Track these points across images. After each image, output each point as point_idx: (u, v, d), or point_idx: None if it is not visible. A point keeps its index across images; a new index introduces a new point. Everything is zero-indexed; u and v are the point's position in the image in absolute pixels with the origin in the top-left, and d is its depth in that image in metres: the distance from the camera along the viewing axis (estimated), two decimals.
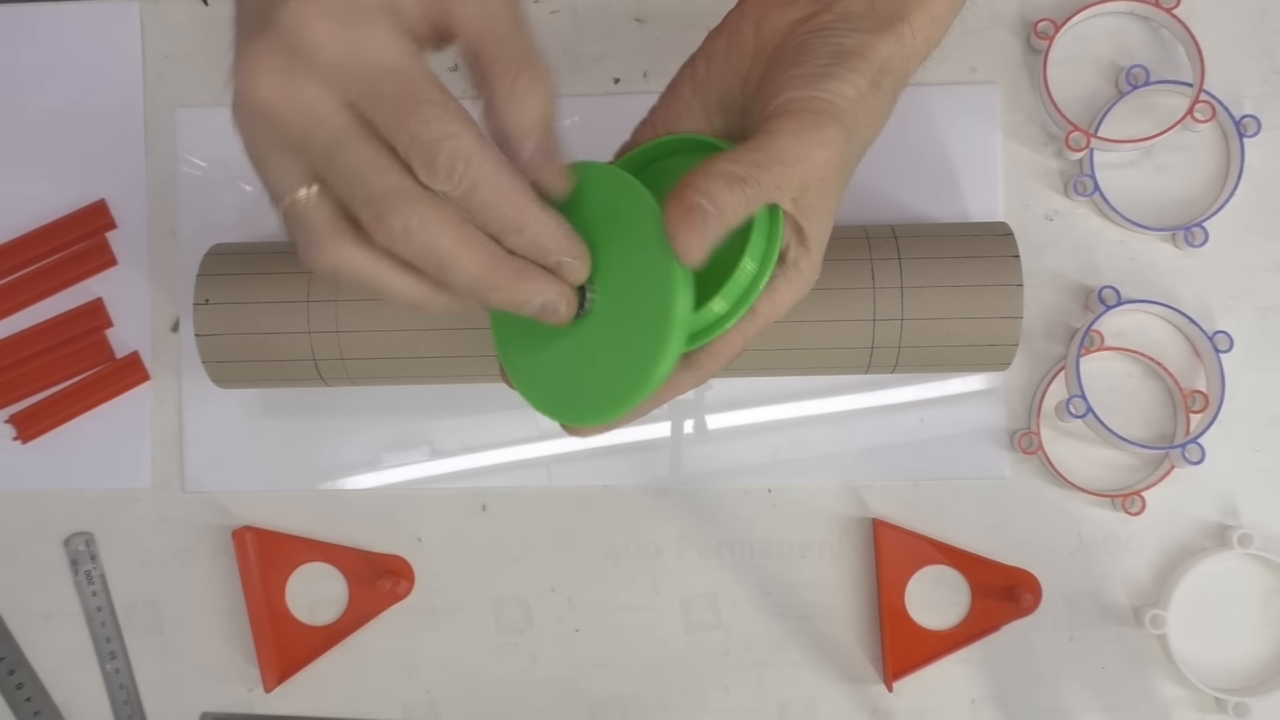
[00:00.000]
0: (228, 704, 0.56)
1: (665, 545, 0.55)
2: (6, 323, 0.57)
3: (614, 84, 0.56)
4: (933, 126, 0.55)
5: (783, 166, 0.33)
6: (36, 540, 0.56)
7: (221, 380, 0.51)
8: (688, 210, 0.32)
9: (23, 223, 0.56)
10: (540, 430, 0.55)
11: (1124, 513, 0.54)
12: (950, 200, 0.55)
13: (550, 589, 0.55)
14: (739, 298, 0.35)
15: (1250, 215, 0.54)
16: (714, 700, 0.55)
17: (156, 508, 0.56)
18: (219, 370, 0.50)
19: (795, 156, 0.33)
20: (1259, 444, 0.54)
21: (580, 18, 0.56)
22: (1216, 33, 0.54)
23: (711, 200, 0.32)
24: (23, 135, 0.57)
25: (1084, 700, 0.54)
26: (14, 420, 0.56)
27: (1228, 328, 0.53)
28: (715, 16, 0.39)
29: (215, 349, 0.49)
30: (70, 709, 0.56)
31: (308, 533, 0.56)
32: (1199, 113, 0.52)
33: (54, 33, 0.57)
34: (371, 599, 0.55)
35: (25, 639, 0.57)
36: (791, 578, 0.55)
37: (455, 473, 0.56)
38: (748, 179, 0.33)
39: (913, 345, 0.48)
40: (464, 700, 0.56)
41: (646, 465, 0.55)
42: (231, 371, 0.50)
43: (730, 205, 0.32)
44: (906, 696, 0.54)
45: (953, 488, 0.55)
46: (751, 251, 0.34)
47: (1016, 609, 0.53)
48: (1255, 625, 0.54)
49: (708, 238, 0.32)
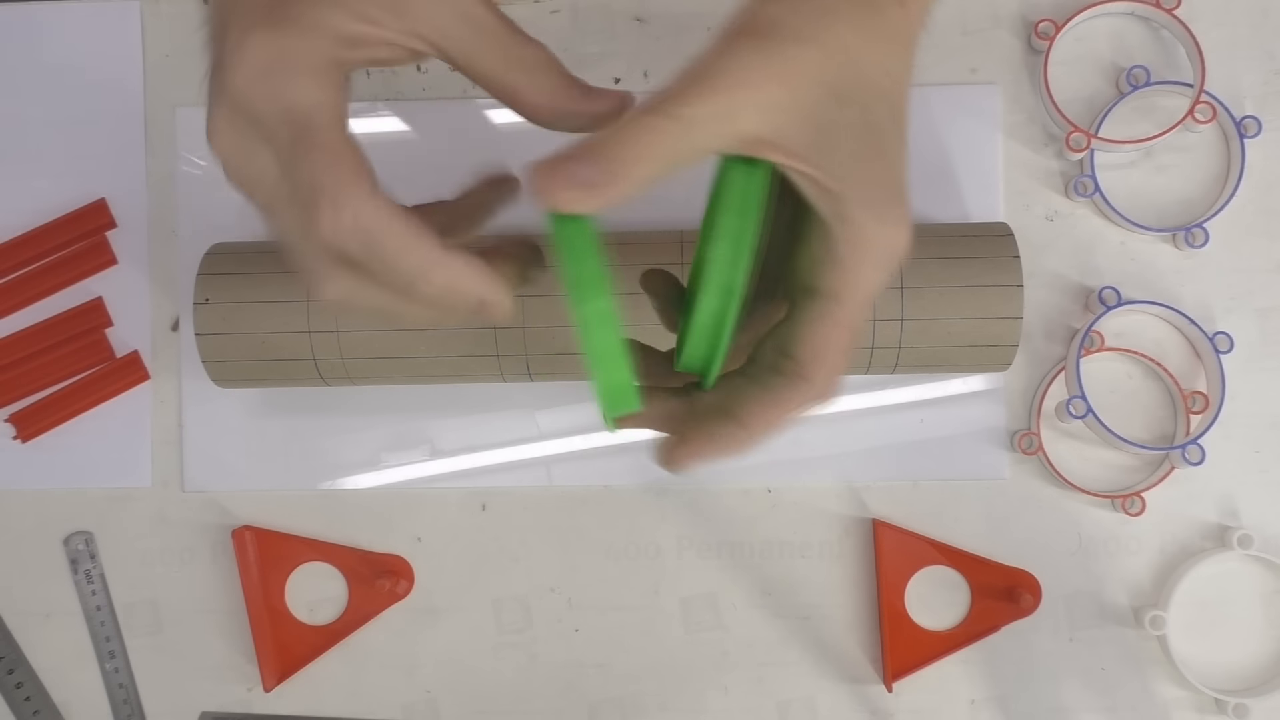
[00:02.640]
0: (227, 703, 0.56)
1: (665, 545, 0.55)
2: (6, 322, 0.57)
3: (614, 84, 0.56)
4: (933, 126, 0.55)
5: (710, 86, 0.28)
6: (36, 540, 0.56)
7: (221, 380, 0.51)
8: (548, 166, 0.29)
9: (23, 222, 0.56)
10: (540, 430, 0.55)
11: (1124, 513, 0.54)
12: (950, 200, 0.55)
13: (550, 589, 0.55)
14: (714, 311, 0.31)
15: (1251, 216, 0.54)
16: (714, 700, 0.55)
17: (156, 507, 0.56)
18: (219, 370, 0.50)
19: (734, 78, 0.29)
20: (1259, 445, 0.54)
21: (580, 17, 0.56)
22: (1217, 33, 0.54)
23: (590, 150, 0.28)
24: (23, 135, 0.57)
25: (1083, 701, 0.54)
26: (14, 419, 0.56)
27: (1228, 328, 0.53)
28: (715, 16, 0.39)
29: (215, 348, 0.49)
30: (70, 708, 0.56)
31: (307, 532, 0.56)
32: (1200, 113, 0.52)
33: (54, 32, 0.57)
34: (371, 599, 0.55)
35: (25, 638, 0.57)
36: (791, 578, 0.55)
37: (455, 473, 0.56)
38: (652, 109, 0.29)
39: (913, 345, 0.48)
40: (464, 700, 0.56)
41: (646, 465, 0.55)
42: (231, 371, 0.50)
43: (621, 150, 0.28)
44: (906, 697, 0.54)
45: (953, 488, 0.54)
46: (719, 233, 0.30)
47: (1016, 609, 0.53)
48: (1255, 626, 0.54)
49: (577, 191, 0.28)
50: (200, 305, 0.49)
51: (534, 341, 0.48)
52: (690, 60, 0.30)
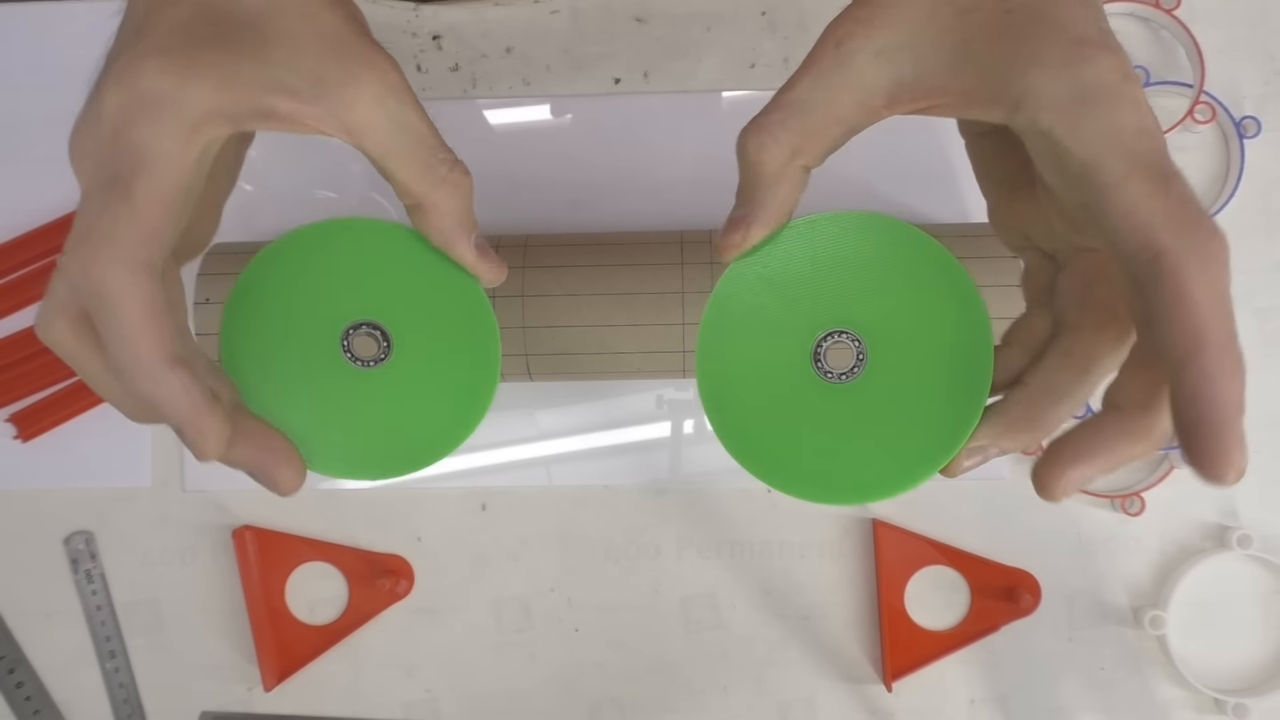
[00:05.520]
0: (227, 703, 0.56)
1: (665, 545, 0.55)
2: (6, 322, 0.57)
3: (614, 84, 0.56)
4: (933, 126, 0.55)
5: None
6: (36, 539, 0.56)
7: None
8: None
9: (23, 222, 0.56)
10: (540, 430, 0.56)
11: (1124, 513, 0.54)
12: (950, 200, 0.55)
13: (550, 588, 0.56)
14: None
15: (1250, 216, 0.54)
16: (714, 700, 0.55)
17: (156, 507, 0.56)
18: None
19: (837, 36, 0.28)
20: (1259, 444, 0.54)
21: (580, 18, 0.56)
22: (1217, 34, 0.54)
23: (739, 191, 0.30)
24: (23, 135, 0.57)
25: (1083, 701, 0.54)
26: (14, 419, 0.56)
27: None
28: (716, 16, 0.38)
29: (216, 348, 0.49)
30: (70, 708, 0.56)
31: (308, 532, 0.56)
32: (1199, 114, 0.52)
33: (54, 32, 0.57)
34: (371, 598, 0.55)
35: (25, 638, 0.57)
36: (791, 578, 0.55)
37: (455, 472, 0.56)
38: (765, 111, 0.29)
39: None
40: (464, 699, 0.56)
41: (646, 465, 0.55)
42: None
43: (750, 174, 0.29)
44: (906, 697, 0.54)
45: (953, 488, 0.54)
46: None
47: (1016, 609, 0.53)
48: (1254, 626, 0.54)
49: (734, 235, 0.30)
50: (200, 305, 0.49)
51: (534, 341, 0.48)
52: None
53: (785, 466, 0.33)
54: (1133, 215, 0.25)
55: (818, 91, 0.29)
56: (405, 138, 0.30)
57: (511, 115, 0.56)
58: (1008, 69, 0.26)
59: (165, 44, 0.28)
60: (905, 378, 0.32)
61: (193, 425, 0.28)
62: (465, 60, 0.56)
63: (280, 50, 0.29)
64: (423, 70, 0.56)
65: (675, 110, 0.55)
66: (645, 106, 0.54)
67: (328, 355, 0.34)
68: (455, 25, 0.56)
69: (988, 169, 0.33)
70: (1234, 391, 0.26)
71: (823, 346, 0.32)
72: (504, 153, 0.56)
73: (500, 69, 0.56)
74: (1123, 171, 0.26)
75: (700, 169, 0.54)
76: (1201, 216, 0.25)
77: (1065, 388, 0.29)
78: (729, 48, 0.55)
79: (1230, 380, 0.26)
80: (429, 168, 0.30)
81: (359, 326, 0.34)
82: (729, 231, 0.31)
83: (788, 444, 0.32)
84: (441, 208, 0.31)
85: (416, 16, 0.56)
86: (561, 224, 0.55)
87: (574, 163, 0.55)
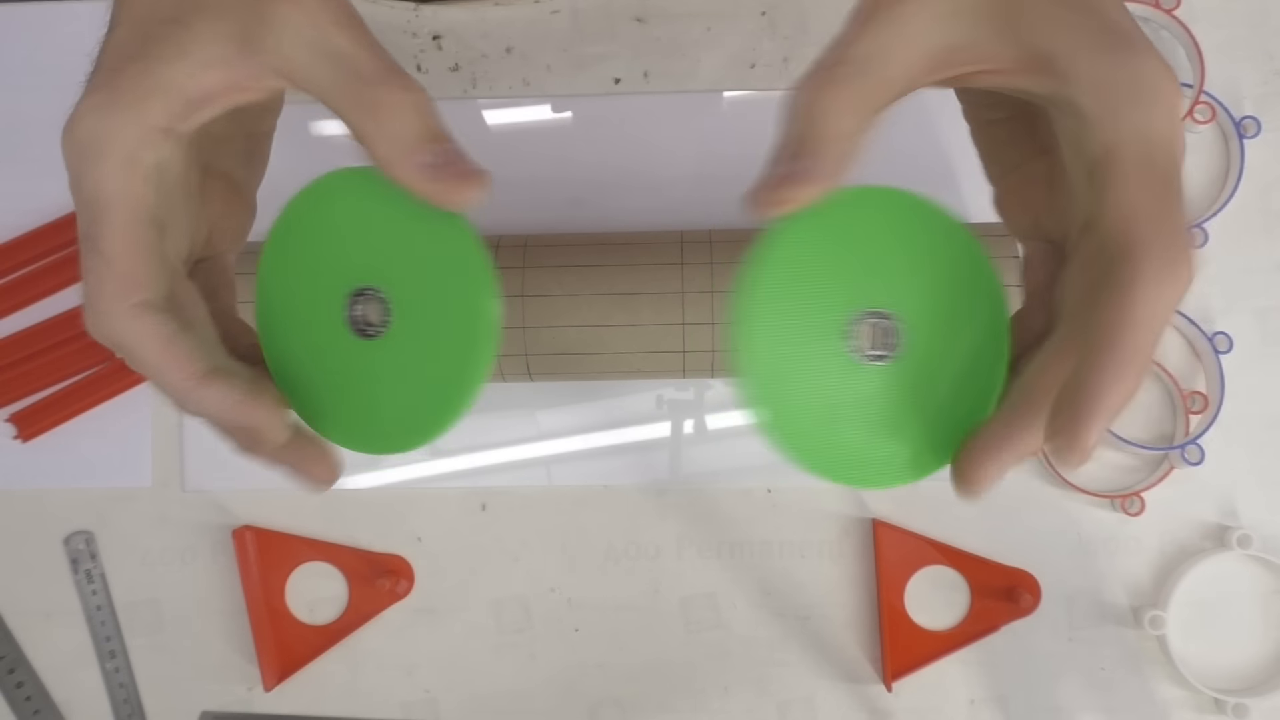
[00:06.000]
0: (227, 703, 0.56)
1: (665, 545, 0.55)
2: (6, 322, 0.57)
3: (614, 84, 0.56)
4: (932, 127, 0.55)
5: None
6: (36, 539, 0.56)
7: None
8: (759, 188, 0.28)
9: (23, 222, 0.56)
10: (540, 430, 0.56)
11: (1123, 513, 0.54)
12: (950, 200, 0.54)
13: (550, 589, 0.55)
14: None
15: (1250, 216, 0.54)
16: (714, 700, 0.55)
17: (156, 507, 0.56)
18: None
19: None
20: (1258, 445, 0.54)
21: (580, 18, 0.56)
22: (1216, 34, 0.54)
23: (784, 147, 0.28)
24: (23, 135, 0.57)
25: (1083, 701, 0.54)
26: (14, 419, 0.56)
27: (1227, 328, 0.53)
28: (716, 16, 0.38)
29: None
30: (70, 708, 0.56)
31: (307, 532, 0.56)
32: (1199, 114, 0.52)
33: (54, 32, 0.57)
34: (371, 598, 0.55)
35: (25, 638, 0.57)
36: (791, 578, 0.55)
37: (455, 472, 0.56)
38: (822, 64, 0.27)
39: None
40: (464, 700, 0.56)
41: (646, 465, 0.55)
42: None
43: (809, 128, 0.27)
44: (906, 697, 0.54)
45: (953, 488, 0.54)
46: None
47: (1016, 609, 0.53)
48: (1254, 626, 0.54)
49: (788, 189, 0.27)
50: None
51: (534, 341, 0.48)
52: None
53: (836, 451, 0.31)
54: (1125, 209, 0.26)
55: (876, 47, 0.28)
56: (329, 68, 0.28)
57: (511, 115, 0.56)
58: (1052, 44, 0.27)
59: (101, 79, 0.28)
60: (932, 359, 0.31)
61: (252, 417, 0.30)
62: (465, 60, 0.56)
63: (201, 25, 0.28)
64: (423, 70, 0.56)
65: (675, 110, 0.55)
66: (645, 106, 0.54)
67: (333, 327, 0.32)
68: (455, 25, 0.56)
69: (998, 155, 0.33)
70: (1118, 397, 0.26)
71: (860, 326, 0.31)
72: (504, 153, 0.56)
73: (500, 69, 0.56)
74: (1136, 172, 0.26)
75: (700, 169, 0.54)
76: (1186, 245, 0.26)
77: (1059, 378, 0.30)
78: (729, 48, 0.55)
79: (1120, 387, 0.26)
80: (357, 95, 0.28)
81: (361, 294, 0.32)
82: (783, 185, 0.28)
83: (828, 427, 0.31)
84: (376, 136, 0.28)
85: (416, 16, 0.56)
86: (561, 224, 0.55)
87: (574, 163, 0.55)
